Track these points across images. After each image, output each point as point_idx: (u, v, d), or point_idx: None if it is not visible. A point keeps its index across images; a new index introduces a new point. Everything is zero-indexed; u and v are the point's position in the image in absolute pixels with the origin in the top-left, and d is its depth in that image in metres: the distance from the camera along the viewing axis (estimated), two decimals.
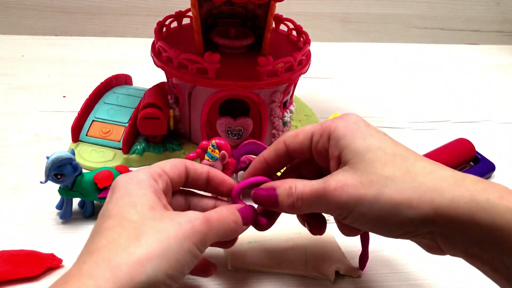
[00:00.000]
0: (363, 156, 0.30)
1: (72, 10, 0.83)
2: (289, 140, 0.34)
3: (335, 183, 0.30)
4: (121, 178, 0.31)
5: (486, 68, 0.86)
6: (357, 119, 0.32)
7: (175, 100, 0.54)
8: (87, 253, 0.27)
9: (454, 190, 0.27)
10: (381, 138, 0.31)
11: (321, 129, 0.33)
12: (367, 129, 0.31)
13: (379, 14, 0.92)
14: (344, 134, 0.31)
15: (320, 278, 0.39)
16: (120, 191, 0.30)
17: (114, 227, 0.28)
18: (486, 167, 0.54)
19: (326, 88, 0.74)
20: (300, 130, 0.34)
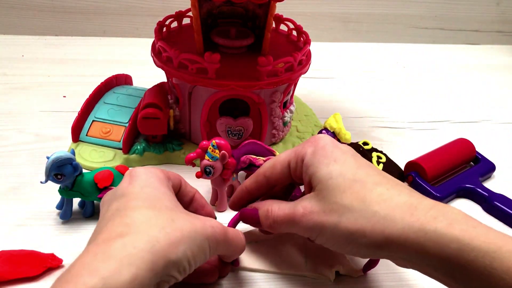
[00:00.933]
0: (326, 183, 0.32)
1: (72, 10, 0.83)
2: (268, 172, 0.37)
3: (302, 209, 0.33)
4: (141, 170, 0.33)
5: (486, 68, 0.86)
6: (324, 144, 0.34)
7: (175, 100, 0.54)
8: (123, 225, 0.28)
9: (406, 219, 0.29)
10: (344, 162, 0.33)
11: (295, 156, 0.35)
12: (332, 154, 0.33)
13: (379, 14, 0.92)
14: (311, 162, 0.33)
15: (320, 278, 0.39)
16: (142, 181, 0.32)
17: (147, 208, 0.30)
18: (486, 167, 0.54)
19: (326, 88, 0.74)
20: (277, 160, 0.36)
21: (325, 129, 0.45)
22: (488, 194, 0.49)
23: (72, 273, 0.25)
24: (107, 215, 0.30)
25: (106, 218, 0.30)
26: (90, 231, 0.42)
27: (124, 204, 0.30)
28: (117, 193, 0.32)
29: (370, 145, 0.52)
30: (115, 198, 0.32)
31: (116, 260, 0.26)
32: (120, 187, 0.33)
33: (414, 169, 0.51)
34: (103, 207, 0.32)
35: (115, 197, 0.32)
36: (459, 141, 0.55)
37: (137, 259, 0.26)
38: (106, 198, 0.33)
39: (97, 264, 0.25)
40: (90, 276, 0.25)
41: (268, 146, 0.49)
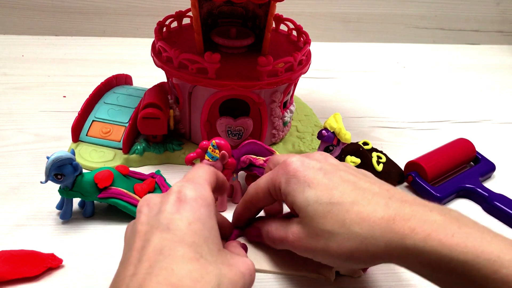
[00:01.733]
0: (305, 210, 0.33)
1: (72, 10, 0.83)
2: (254, 199, 0.38)
3: (291, 236, 0.34)
4: (191, 194, 0.30)
5: (486, 68, 0.86)
6: (294, 169, 0.34)
7: (175, 100, 0.54)
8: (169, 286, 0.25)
9: (386, 235, 0.29)
10: (317, 185, 0.33)
11: (272, 184, 0.36)
12: (305, 179, 0.33)
13: (379, 14, 0.92)
14: (288, 191, 0.34)
15: (320, 278, 0.39)
16: (191, 213, 0.29)
17: (193, 261, 0.27)
18: (486, 167, 0.54)
19: (326, 88, 0.74)
20: (258, 187, 0.37)
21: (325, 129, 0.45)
22: (488, 194, 0.49)
23: None
24: (148, 250, 0.27)
25: (147, 254, 0.27)
26: (90, 231, 0.42)
27: (169, 247, 0.27)
28: (161, 220, 0.29)
29: (370, 145, 0.52)
30: (158, 227, 0.28)
31: None
32: (165, 211, 0.29)
33: (414, 169, 0.51)
34: (140, 226, 0.29)
35: (158, 225, 0.28)
36: (459, 141, 0.55)
37: None
38: (145, 220, 0.30)
39: None
40: None
41: (268, 146, 0.49)
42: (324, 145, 0.45)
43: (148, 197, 0.32)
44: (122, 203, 0.42)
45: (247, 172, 0.47)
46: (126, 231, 0.32)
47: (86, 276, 0.38)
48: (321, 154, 0.37)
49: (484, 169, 0.54)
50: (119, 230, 0.43)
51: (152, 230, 0.28)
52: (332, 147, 0.45)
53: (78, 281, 0.37)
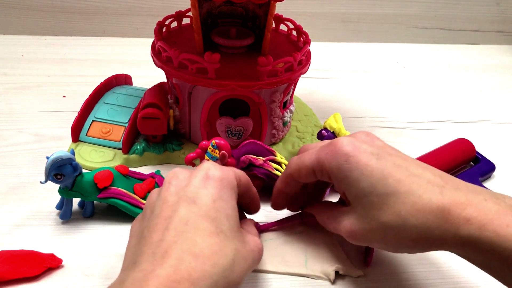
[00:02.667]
0: (361, 201, 0.33)
1: (72, 10, 0.83)
2: (295, 174, 0.37)
3: (344, 230, 0.34)
4: (217, 173, 0.32)
5: (486, 68, 0.86)
6: (346, 155, 0.33)
7: (175, 100, 0.54)
8: (192, 255, 0.28)
9: (442, 226, 0.30)
10: (372, 172, 0.32)
11: (318, 166, 0.35)
12: (358, 166, 0.33)
13: (379, 14, 0.91)
14: (340, 178, 0.34)
15: (320, 278, 0.39)
16: (216, 190, 0.31)
17: (214, 236, 0.29)
18: (486, 167, 0.54)
19: (326, 88, 0.74)
20: (302, 164, 0.36)
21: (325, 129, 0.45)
22: None
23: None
24: (175, 220, 0.29)
25: (173, 223, 0.29)
26: (90, 231, 0.42)
27: (194, 219, 0.29)
28: (189, 193, 0.31)
29: None
30: (185, 199, 0.31)
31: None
32: (193, 185, 0.31)
33: None
34: (169, 196, 0.31)
35: (185, 197, 0.31)
36: (459, 141, 0.55)
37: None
38: (174, 191, 0.31)
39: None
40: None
41: (268, 146, 0.49)
42: None
43: (177, 170, 0.34)
44: (122, 203, 0.42)
45: (247, 172, 0.47)
46: (150, 198, 0.33)
47: (86, 276, 0.38)
48: (367, 135, 0.36)
49: (484, 169, 0.54)
50: (119, 230, 0.43)
51: (180, 202, 0.30)
52: None
53: (78, 281, 0.37)
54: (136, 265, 0.27)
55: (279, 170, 0.47)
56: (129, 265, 0.28)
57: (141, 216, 0.33)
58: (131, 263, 0.28)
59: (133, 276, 0.26)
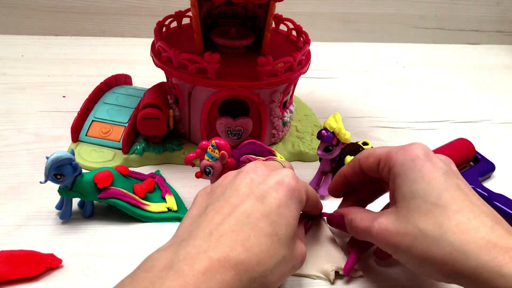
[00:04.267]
0: (407, 203, 0.32)
1: (72, 10, 0.83)
2: (362, 160, 0.38)
3: (377, 226, 0.34)
4: (291, 182, 0.33)
5: (486, 68, 0.86)
6: (416, 155, 0.33)
7: (175, 100, 0.54)
8: (243, 248, 0.29)
9: (481, 257, 0.28)
10: (431, 180, 0.32)
11: (385, 158, 0.35)
12: (421, 169, 0.33)
13: (379, 14, 0.91)
14: (398, 173, 0.33)
15: (319, 278, 0.39)
16: (284, 197, 0.32)
17: (266, 229, 0.30)
18: (486, 167, 0.54)
19: (326, 88, 0.74)
20: (371, 152, 0.37)
21: (324, 129, 0.45)
22: (488, 194, 0.49)
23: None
24: (239, 210, 0.31)
25: (237, 212, 0.30)
26: (90, 231, 0.42)
27: (255, 216, 0.30)
28: (260, 190, 0.32)
29: (369, 145, 0.52)
30: (255, 195, 0.31)
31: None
32: (267, 184, 0.32)
33: None
34: (242, 187, 0.32)
35: (256, 193, 0.32)
36: (459, 141, 0.55)
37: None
38: (249, 183, 0.32)
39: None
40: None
41: (268, 146, 0.49)
42: (323, 145, 0.45)
43: (258, 164, 0.35)
44: (122, 203, 0.42)
45: None
46: (225, 178, 0.34)
47: (86, 276, 0.38)
48: (446, 158, 0.36)
49: (484, 169, 0.54)
50: (119, 230, 0.43)
51: (250, 195, 0.32)
52: (332, 147, 0.45)
53: (77, 281, 0.37)
54: (192, 238, 0.29)
55: None
56: (185, 235, 0.30)
57: (209, 190, 0.34)
58: (187, 234, 0.30)
59: (187, 250, 0.28)
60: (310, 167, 0.52)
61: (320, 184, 0.49)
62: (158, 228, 0.43)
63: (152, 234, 0.42)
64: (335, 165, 0.47)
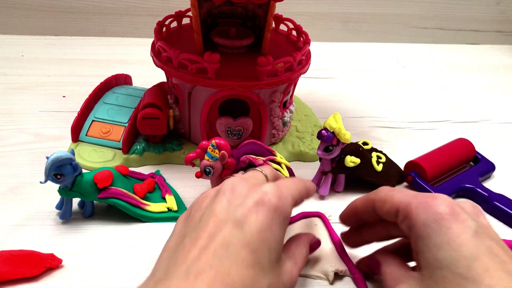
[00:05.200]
0: (433, 272, 0.29)
1: (72, 10, 0.83)
2: (377, 205, 0.34)
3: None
4: (273, 200, 0.30)
5: (486, 68, 0.86)
6: (439, 216, 0.29)
7: (175, 100, 0.54)
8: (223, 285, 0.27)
9: None
10: (460, 246, 0.28)
11: (405, 211, 0.31)
12: (447, 232, 0.29)
13: (379, 14, 0.91)
14: (421, 236, 0.30)
15: (319, 278, 0.39)
16: (266, 220, 0.30)
17: (247, 259, 0.28)
18: (486, 167, 0.54)
19: (326, 88, 0.74)
20: (388, 197, 0.33)
21: (324, 129, 0.45)
22: (488, 194, 0.49)
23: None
24: (217, 240, 0.28)
25: (214, 243, 0.28)
26: (90, 231, 0.42)
27: (235, 246, 0.28)
28: (238, 214, 0.29)
29: (370, 145, 0.52)
30: (233, 221, 0.29)
31: None
32: (245, 206, 0.30)
33: (414, 169, 0.51)
34: (219, 211, 0.30)
35: (234, 217, 0.29)
36: (459, 141, 0.55)
37: None
38: (225, 206, 0.30)
39: None
40: None
41: (268, 146, 0.49)
42: (323, 145, 0.45)
43: (236, 182, 0.32)
44: (122, 203, 0.42)
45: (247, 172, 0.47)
46: (203, 200, 0.32)
47: (86, 276, 0.38)
48: (474, 206, 0.32)
49: (484, 169, 0.54)
50: (119, 230, 0.43)
51: (227, 222, 0.29)
52: (332, 147, 0.45)
53: (77, 281, 0.37)
54: (168, 278, 0.27)
55: (279, 170, 0.47)
56: (161, 273, 0.28)
57: (188, 215, 0.32)
58: (164, 271, 0.28)
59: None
60: (310, 167, 0.52)
61: (320, 184, 0.49)
62: (158, 228, 0.43)
63: (152, 234, 0.42)
64: (335, 165, 0.47)
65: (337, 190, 0.50)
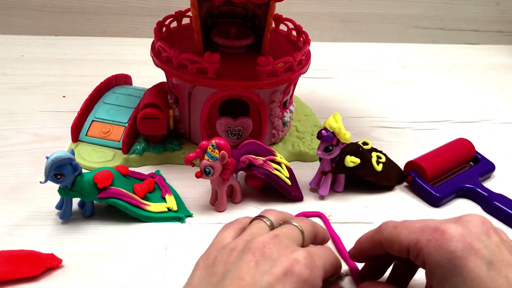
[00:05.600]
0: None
1: (72, 10, 0.83)
2: (386, 245, 0.32)
3: None
4: (304, 273, 0.28)
5: (486, 68, 0.86)
6: (453, 255, 0.28)
7: (175, 100, 0.54)
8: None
9: None
10: (477, 286, 0.27)
11: (416, 250, 0.30)
12: (463, 271, 0.27)
13: (379, 14, 0.91)
14: (435, 275, 0.28)
15: None
16: (296, 285, 0.28)
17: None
18: (486, 167, 0.54)
19: (326, 88, 0.74)
20: (395, 238, 0.31)
21: (324, 129, 0.45)
22: (488, 194, 0.49)
23: None
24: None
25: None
26: (90, 231, 0.42)
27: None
28: (263, 282, 0.27)
29: (370, 145, 0.52)
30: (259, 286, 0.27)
31: None
32: (273, 275, 0.28)
33: (414, 169, 0.51)
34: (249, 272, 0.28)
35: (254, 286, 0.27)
36: (459, 141, 0.55)
37: None
38: (252, 266, 0.28)
39: None
40: None
41: (268, 146, 0.49)
42: (323, 145, 0.45)
43: (267, 242, 0.30)
44: (122, 203, 0.42)
45: (247, 172, 0.47)
46: (232, 251, 0.30)
47: (85, 276, 0.38)
48: (482, 223, 0.30)
49: (484, 169, 0.54)
50: (119, 230, 0.43)
51: (253, 287, 0.27)
52: (332, 147, 0.45)
53: (77, 281, 0.37)
54: None
55: (279, 170, 0.47)
56: None
57: (209, 266, 0.30)
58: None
59: None
60: (310, 167, 0.52)
61: (320, 184, 0.49)
62: (158, 228, 0.43)
63: (152, 234, 0.42)
64: (335, 165, 0.47)
65: (337, 190, 0.50)
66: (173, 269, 0.39)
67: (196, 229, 0.44)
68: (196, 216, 0.45)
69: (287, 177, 0.47)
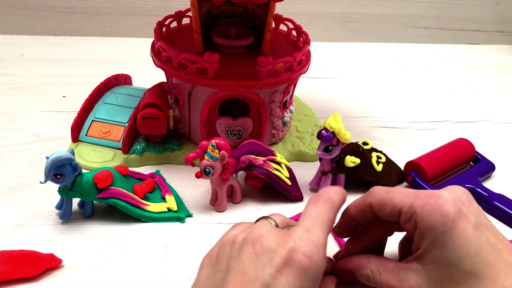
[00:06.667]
0: (439, 269, 0.30)
1: (72, 10, 0.83)
2: (376, 208, 0.33)
3: (407, 285, 0.31)
4: (303, 261, 0.28)
5: (486, 68, 0.86)
6: (445, 218, 0.30)
7: (175, 100, 0.54)
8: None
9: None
10: (463, 245, 0.30)
11: (408, 212, 0.31)
12: (453, 233, 0.30)
13: (379, 14, 0.91)
14: (427, 236, 0.31)
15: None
16: (294, 283, 0.28)
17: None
18: (486, 167, 0.54)
19: (326, 88, 0.74)
20: (387, 200, 0.33)
21: (324, 129, 0.45)
22: (488, 194, 0.49)
23: None
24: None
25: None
26: (90, 231, 0.42)
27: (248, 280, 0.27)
28: (265, 276, 0.27)
29: (369, 145, 0.52)
30: (261, 280, 0.27)
31: None
32: (272, 263, 0.28)
33: (414, 169, 0.51)
34: (247, 266, 0.28)
35: (262, 278, 0.27)
36: (459, 141, 0.55)
37: None
38: (254, 261, 0.28)
39: None
40: None
41: (268, 146, 0.49)
42: (323, 145, 0.45)
43: (265, 231, 0.30)
44: (122, 203, 0.42)
45: (247, 172, 0.47)
46: (233, 244, 0.30)
47: (85, 276, 0.38)
48: (464, 192, 0.32)
49: (484, 169, 0.54)
50: (119, 230, 0.43)
51: (255, 282, 0.27)
52: (332, 147, 0.45)
53: (77, 281, 0.37)
54: None
55: (279, 170, 0.47)
56: None
57: (214, 263, 0.31)
58: None
59: None
60: (310, 167, 0.52)
61: (320, 184, 0.49)
62: (158, 228, 0.43)
63: (152, 234, 0.42)
64: (335, 165, 0.47)
65: None
66: (173, 269, 0.39)
67: (196, 229, 0.44)
68: (196, 216, 0.45)
69: (287, 177, 0.47)
